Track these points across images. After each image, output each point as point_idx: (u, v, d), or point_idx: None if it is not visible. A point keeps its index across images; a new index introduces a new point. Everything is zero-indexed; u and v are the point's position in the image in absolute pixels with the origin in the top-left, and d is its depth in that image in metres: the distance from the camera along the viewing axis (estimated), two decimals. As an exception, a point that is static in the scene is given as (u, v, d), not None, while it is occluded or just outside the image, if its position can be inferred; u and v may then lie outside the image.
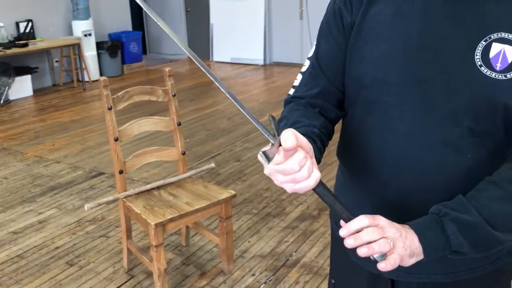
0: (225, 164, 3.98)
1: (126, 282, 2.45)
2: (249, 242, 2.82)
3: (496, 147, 0.92)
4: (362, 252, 0.80)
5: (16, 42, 6.37)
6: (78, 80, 7.11)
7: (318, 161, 0.89)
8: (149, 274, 2.47)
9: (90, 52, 7.28)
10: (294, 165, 0.75)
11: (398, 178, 0.97)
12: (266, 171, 0.79)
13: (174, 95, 2.46)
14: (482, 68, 0.87)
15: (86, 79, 7.09)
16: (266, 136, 0.78)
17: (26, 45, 6.34)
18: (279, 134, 0.77)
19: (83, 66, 7.00)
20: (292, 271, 2.53)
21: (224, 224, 2.39)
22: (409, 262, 0.83)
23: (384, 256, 0.81)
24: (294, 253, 2.69)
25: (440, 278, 1.01)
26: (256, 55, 8.43)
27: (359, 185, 1.06)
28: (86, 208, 2.23)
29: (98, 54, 7.46)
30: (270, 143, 0.78)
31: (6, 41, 6.31)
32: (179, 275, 2.51)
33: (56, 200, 3.38)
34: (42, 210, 3.23)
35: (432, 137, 0.92)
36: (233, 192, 2.38)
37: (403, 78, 0.92)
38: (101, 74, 7.51)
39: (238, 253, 2.69)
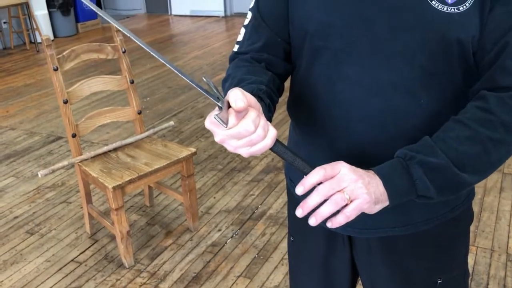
0: (188, 121, 3.90)
1: (90, 247, 2.40)
2: (214, 198, 2.79)
3: (453, 91, 0.87)
4: (311, 222, 0.75)
5: (-42, 4, 5.99)
6: (30, 42, 6.77)
7: (269, 120, 0.82)
8: (113, 238, 2.43)
9: (40, 11, 6.91)
10: (249, 126, 0.69)
11: (349, 127, 0.92)
12: (217, 138, 0.71)
13: (124, 52, 2.34)
14: (433, 2, 0.81)
15: (39, 40, 6.75)
16: (212, 99, 0.70)
17: (-31, 6, 5.96)
18: (223, 96, 0.70)
19: (34, 27, 6.65)
20: (258, 224, 2.53)
21: (187, 182, 2.34)
22: (374, 209, 0.77)
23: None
24: (260, 206, 2.68)
25: (398, 231, 0.99)
26: (216, 7, 8.17)
27: (311, 139, 1.01)
28: (39, 176, 2.14)
29: (50, 13, 7.09)
30: (217, 107, 0.71)
31: None
32: (145, 236, 2.48)
33: (13, 168, 3.26)
34: (-2, 180, 3.12)
35: (382, 80, 0.86)
36: (193, 150, 2.32)
37: (348, 19, 0.86)
38: (54, 34, 7.16)
39: (204, 210, 2.67)
